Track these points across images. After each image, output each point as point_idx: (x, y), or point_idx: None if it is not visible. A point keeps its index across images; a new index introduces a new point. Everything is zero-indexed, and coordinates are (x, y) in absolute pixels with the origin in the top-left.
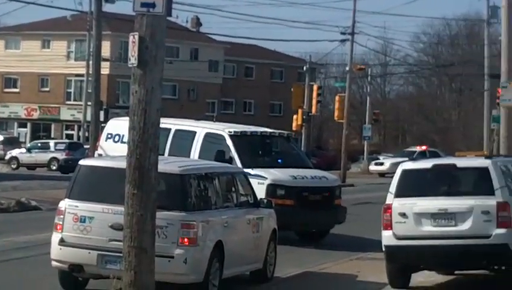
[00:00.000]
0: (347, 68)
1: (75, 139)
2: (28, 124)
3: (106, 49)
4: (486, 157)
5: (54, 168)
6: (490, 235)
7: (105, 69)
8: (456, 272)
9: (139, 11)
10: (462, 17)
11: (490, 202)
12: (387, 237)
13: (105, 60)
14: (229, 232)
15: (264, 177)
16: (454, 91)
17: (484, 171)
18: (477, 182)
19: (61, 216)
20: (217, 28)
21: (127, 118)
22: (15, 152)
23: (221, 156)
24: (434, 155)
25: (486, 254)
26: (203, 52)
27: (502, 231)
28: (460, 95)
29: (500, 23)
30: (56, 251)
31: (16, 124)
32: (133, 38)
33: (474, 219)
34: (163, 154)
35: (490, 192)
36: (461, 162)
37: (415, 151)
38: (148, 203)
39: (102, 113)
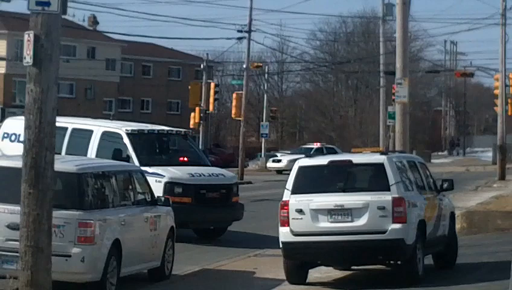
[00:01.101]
0: (244, 66)
1: None
2: None
3: (2, 48)
4: (382, 153)
5: None
6: (386, 231)
7: (1, 68)
8: (352, 267)
9: (34, 9)
10: (358, 14)
11: (386, 197)
12: (284, 234)
13: (2, 59)
14: (126, 230)
15: (161, 175)
16: (350, 88)
17: (380, 167)
18: (373, 178)
19: None
20: (114, 26)
21: (23, 117)
22: None
23: (119, 154)
24: (331, 152)
25: (382, 249)
26: (100, 50)
27: (397, 226)
28: (356, 92)
29: (395, 21)
30: None
31: None
32: (28, 37)
33: (370, 215)
34: (60, 153)
35: (386, 188)
36: (357, 158)
37: (312, 148)
38: (44, 202)
39: None
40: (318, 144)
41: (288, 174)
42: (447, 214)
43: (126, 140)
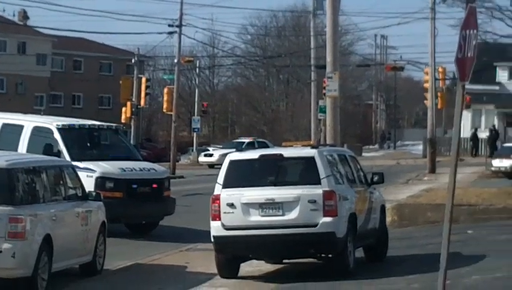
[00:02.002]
0: (175, 60)
1: None
2: None
3: None
4: (313, 147)
5: None
6: (317, 224)
7: None
8: (284, 260)
9: None
10: (288, 8)
11: (316, 191)
12: (215, 228)
13: None
14: (57, 225)
15: (92, 170)
16: (282, 82)
17: (310, 160)
18: (304, 172)
19: None
20: (44, 21)
21: None
22: None
23: (50, 149)
24: (263, 146)
25: (313, 242)
26: (30, 45)
27: (328, 219)
28: (287, 86)
29: (325, 15)
30: None
31: None
32: None
33: (301, 208)
34: None
35: (316, 181)
36: (288, 152)
37: (244, 142)
38: None
39: None
40: (250, 138)
41: (220, 168)
42: (378, 207)
43: (57, 135)
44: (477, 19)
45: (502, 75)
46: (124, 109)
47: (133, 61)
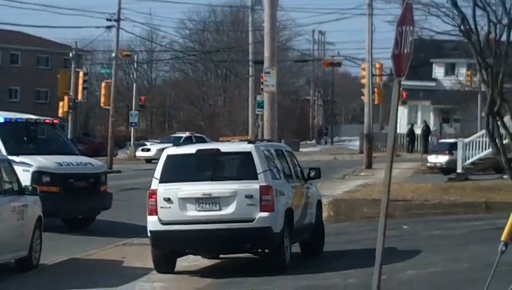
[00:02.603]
0: (113, 55)
1: None
2: None
3: None
4: (250, 142)
5: None
6: (254, 219)
7: None
8: (220, 255)
9: None
10: (227, 3)
11: (253, 186)
12: (152, 223)
13: None
14: None
15: (29, 164)
16: (219, 77)
17: (247, 155)
18: (241, 167)
19: None
20: None
21: None
22: None
23: None
24: (200, 140)
25: (250, 237)
26: None
27: (265, 214)
28: (225, 81)
29: (263, 10)
30: None
31: None
32: None
33: (238, 203)
34: None
35: (253, 176)
36: (225, 147)
37: (182, 137)
38: None
39: None
40: (187, 133)
41: (157, 163)
42: (314, 203)
43: None
44: (414, 15)
45: (438, 71)
46: (61, 103)
47: (70, 55)
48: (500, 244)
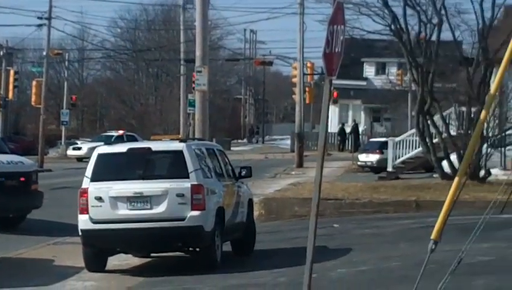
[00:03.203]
0: (44, 53)
1: None
2: None
3: None
4: (181, 140)
5: None
6: (185, 218)
7: None
8: (152, 254)
9: None
10: (158, 2)
11: (185, 185)
12: (83, 221)
13: None
14: None
15: None
16: (151, 76)
17: (179, 154)
18: (172, 166)
19: None
20: None
21: None
22: None
23: None
24: (131, 139)
25: (181, 236)
26: None
27: (196, 213)
28: (157, 80)
29: (195, 9)
30: None
31: None
32: None
33: (169, 202)
34: None
35: (185, 175)
36: (156, 145)
37: (113, 136)
38: None
39: None
40: (119, 131)
41: (88, 162)
42: (245, 201)
43: None
44: (345, 14)
45: (369, 70)
46: None
47: (1, 53)
48: (430, 243)
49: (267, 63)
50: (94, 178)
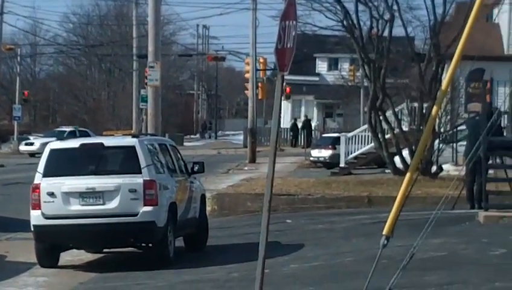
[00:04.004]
0: None
1: None
2: None
3: None
4: (134, 136)
5: None
6: (137, 213)
7: None
8: (104, 250)
9: None
10: None
11: (137, 180)
12: (35, 217)
13: None
14: None
15: None
16: (104, 71)
17: (131, 150)
18: (125, 161)
19: None
20: None
21: None
22: None
23: None
24: (84, 135)
25: (133, 231)
26: None
27: (148, 208)
28: (109, 76)
29: (147, 4)
30: None
31: None
32: None
33: (121, 198)
34: None
35: (137, 170)
36: (109, 141)
37: (66, 131)
38: None
39: None
40: (71, 127)
41: (41, 157)
42: (198, 197)
43: None
44: (297, 10)
45: (321, 66)
46: None
47: None
48: (382, 238)
49: (219, 58)
50: (46, 173)
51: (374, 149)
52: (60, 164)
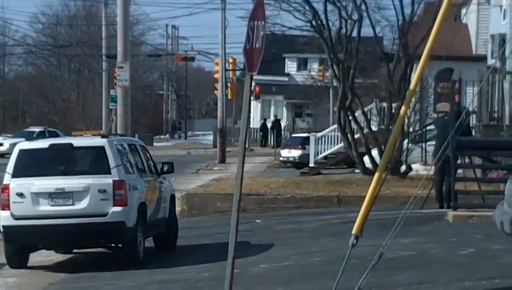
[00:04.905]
0: None
1: None
2: None
3: None
4: (103, 136)
5: None
6: (107, 214)
7: None
8: (74, 250)
9: None
10: None
11: (107, 180)
12: (4, 218)
13: None
14: None
15: None
16: (73, 72)
17: (100, 150)
18: (94, 161)
19: None
20: None
21: None
22: None
23: None
24: (53, 135)
25: (103, 232)
26: None
27: (118, 209)
28: (79, 76)
29: (116, 4)
30: None
31: None
32: None
33: (91, 198)
34: None
35: (107, 171)
36: (78, 141)
37: (35, 132)
38: None
39: None
40: (41, 127)
41: (10, 157)
42: (168, 197)
43: None
44: (266, 10)
45: (290, 66)
46: None
47: None
48: (351, 238)
49: (189, 58)
50: (15, 174)
51: (343, 149)
52: (30, 165)
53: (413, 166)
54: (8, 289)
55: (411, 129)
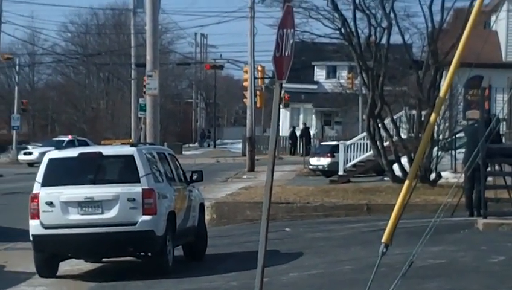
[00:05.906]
0: None
1: None
2: None
3: None
4: (132, 145)
5: None
6: (136, 223)
7: None
8: (103, 259)
9: None
10: (109, 6)
11: (136, 189)
12: (34, 227)
13: None
14: None
15: None
16: (102, 80)
17: (129, 158)
18: (123, 170)
19: None
20: None
21: None
22: None
23: None
24: (83, 144)
25: (132, 240)
26: None
27: (147, 217)
28: (108, 84)
29: (145, 13)
30: None
31: None
32: None
33: (120, 207)
34: None
35: (136, 179)
36: (107, 150)
37: (64, 140)
38: None
39: None
40: (70, 136)
41: (39, 166)
42: (197, 205)
43: None
44: (295, 18)
45: (319, 74)
46: None
47: None
48: (381, 246)
49: (218, 66)
50: (45, 183)
51: (372, 157)
52: (59, 174)
53: (443, 174)
54: None
55: (441, 137)
